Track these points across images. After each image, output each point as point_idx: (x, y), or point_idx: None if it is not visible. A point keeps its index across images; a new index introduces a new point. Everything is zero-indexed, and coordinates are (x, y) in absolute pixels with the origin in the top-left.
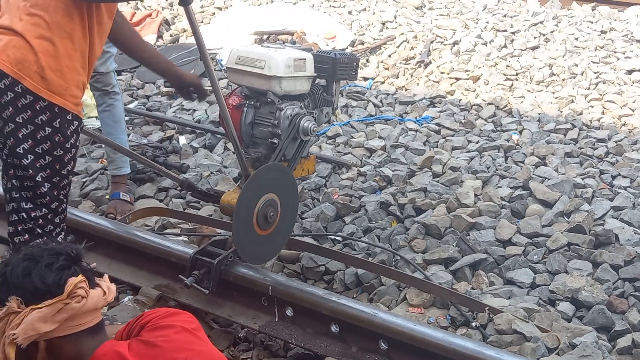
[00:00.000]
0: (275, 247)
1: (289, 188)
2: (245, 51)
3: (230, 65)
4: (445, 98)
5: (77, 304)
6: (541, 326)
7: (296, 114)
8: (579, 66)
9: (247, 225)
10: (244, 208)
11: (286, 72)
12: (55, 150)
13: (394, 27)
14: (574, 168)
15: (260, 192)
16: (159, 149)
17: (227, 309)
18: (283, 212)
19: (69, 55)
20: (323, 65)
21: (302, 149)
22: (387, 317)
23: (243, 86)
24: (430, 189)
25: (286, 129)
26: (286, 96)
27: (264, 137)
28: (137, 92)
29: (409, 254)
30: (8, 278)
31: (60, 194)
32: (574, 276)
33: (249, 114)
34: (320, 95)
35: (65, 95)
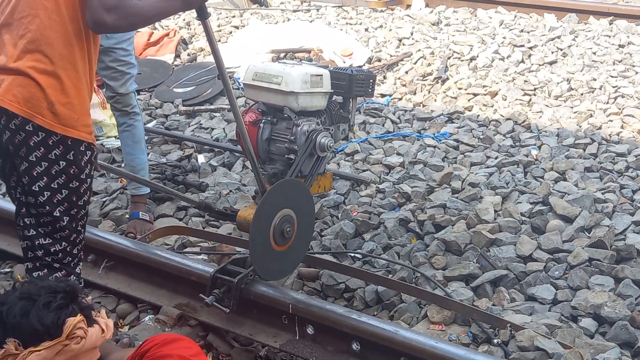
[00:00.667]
0: (292, 263)
1: (305, 204)
2: (262, 67)
3: (247, 81)
4: (463, 114)
5: (76, 345)
6: (564, 343)
7: (313, 130)
8: (597, 80)
9: (263, 241)
10: (260, 224)
11: (303, 87)
12: (70, 183)
13: (410, 43)
14: (594, 183)
15: (277, 207)
16: (178, 168)
17: (247, 328)
18: (300, 228)
19: (76, 85)
20: (340, 81)
21: (318, 165)
22: (408, 334)
23: (260, 102)
24: (450, 205)
25: (303, 144)
26: (303, 112)
27: (280, 153)
28: (156, 111)
29: (429, 270)
30: (5, 318)
31: (78, 225)
32: (595, 292)
33: (266, 130)
34: (337, 112)
35: (77, 126)
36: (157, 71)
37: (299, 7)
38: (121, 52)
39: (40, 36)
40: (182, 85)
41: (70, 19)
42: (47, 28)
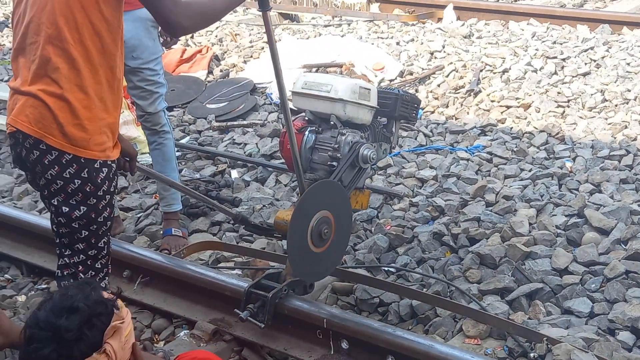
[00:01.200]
0: (329, 266)
1: (343, 207)
2: (312, 76)
3: (296, 90)
4: (496, 126)
5: None
6: (601, 356)
7: (357, 142)
8: (632, 91)
9: (301, 241)
10: (298, 224)
11: (351, 97)
12: (88, 200)
13: (442, 56)
14: (630, 195)
15: (315, 208)
16: (212, 183)
17: (282, 343)
18: (337, 231)
19: (85, 106)
20: (386, 100)
21: (359, 177)
22: (444, 348)
23: (307, 111)
24: (484, 219)
25: (346, 154)
26: (348, 122)
27: (322, 162)
28: (189, 127)
29: (464, 284)
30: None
31: (99, 241)
32: (633, 305)
33: (310, 139)
34: (381, 131)
35: (89, 146)
36: (190, 87)
37: (330, 21)
38: (148, 72)
39: (44, 61)
40: (215, 101)
41: (76, 42)
42: (50, 54)
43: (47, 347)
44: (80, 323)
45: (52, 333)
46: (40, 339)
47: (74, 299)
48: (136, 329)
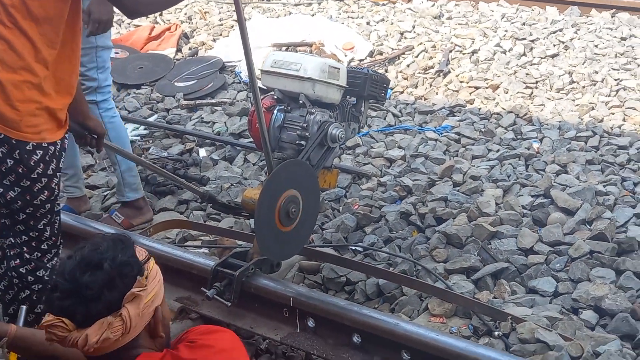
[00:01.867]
0: (296, 246)
1: (311, 186)
2: (281, 55)
3: (265, 68)
4: (464, 107)
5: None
6: (564, 335)
7: (325, 121)
8: (599, 73)
9: (269, 220)
10: (266, 203)
11: (320, 76)
12: (21, 182)
13: (412, 37)
14: (596, 176)
15: (283, 187)
16: (179, 162)
17: (248, 321)
18: (305, 210)
19: (17, 86)
20: (355, 80)
21: (327, 156)
22: (409, 327)
23: (276, 89)
24: (451, 198)
25: (314, 133)
26: (317, 102)
27: (291, 140)
28: (157, 105)
29: (430, 263)
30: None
31: (38, 224)
32: (597, 284)
33: (279, 118)
34: (350, 110)
35: (20, 127)
36: (158, 65)
37: (301, 0)
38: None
39: None
40: (184, 80)
41: (11, 24)
42: None
43: (68, 300)
44: (102, 282)
45: (73, 287)
46: (63, 290)
47: (102, 255)
48: None
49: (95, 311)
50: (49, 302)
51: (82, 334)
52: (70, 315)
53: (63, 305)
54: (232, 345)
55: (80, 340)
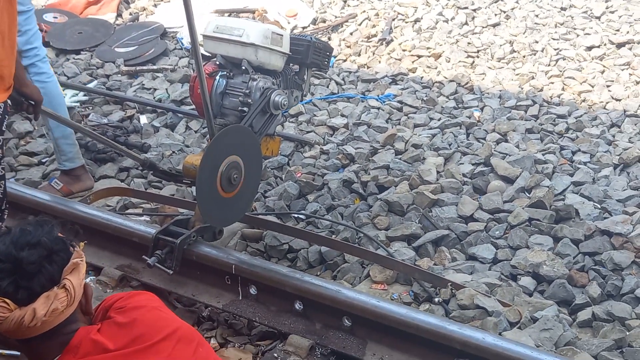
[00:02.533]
0: (238, 212)
1: (253, 151)
2: (224, 20)
3: (207, 33)
4: (407, 75)
5: None
6: (503, 301)
7: (268, 88)
8: (539, 43)
9: (210, 186)
10: (207, 168)
11: (263, 42)
12: None
13: (355, 4)
14: (535, 144)
15: (225, 153)
16: (120, 129)
17: (190, 288)
18: (247, 176)
19: None
20: (298, 47)
21: (269, 123)
22: (351, 293)
23: (218, 55)
24: (393, 167)
25: (257, 100)
26: (260, 68)
27: (233, 107)
28: (97, 71)
29: (372, 231)
30: None
31: None
32: (535, 251)
33: (221, 84)
34: (292, 78)
35: None
36: (98, 30)
37: None
38: None
39: None
40: (124, 45)
41: None
42: None
43: (6, 279)
44: (41, 257)
45: (13, 264)
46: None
47: (34, 234)
48: None
49: (39, 286)
50: None
51: (25, 310)
52: (11, 294)
53: (1, 286)
54: (159, 303)
55: (27, 316)
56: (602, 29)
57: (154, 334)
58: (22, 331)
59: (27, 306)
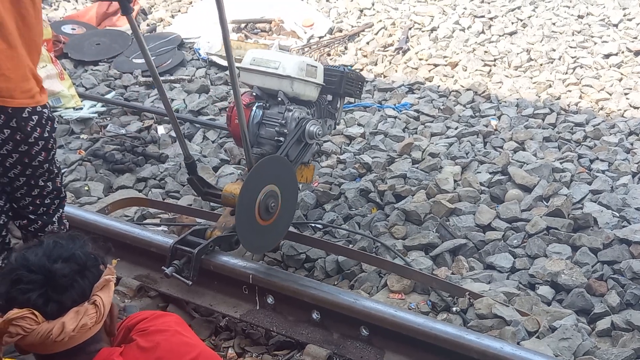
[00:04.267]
0: (275, 239)
1: (289, 181)
2: (260, 53)
3: (244, 65)
4: (423, 84)
5: (9, 338)
6: (521, 310)
7: (303, 118)
8: (557, 51)
9: (249, 215)
10: (246, 198)
11: (299, 74)
12: (19, 147)
13: (372, 14)
14: (553, 152)
15: (263, 183)
16: (138, 139)
17: (208, 298)
18: (283, 204)
19: (7, 56)
20: (332, 78)
21: (304, 152)
22: (368, 303)
23: (255, 87)
24: (410, 176)
25: (292, 130)
26: (295, 99)
27: (269, 136)
28: (115, 82)
29: (389, 240)
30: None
31: (39, 181)
32: (553, 260)
33: (258, 114)
34: (326, 107)
35: (15, 95)
36: (115, 42)
37: None
38: None
39: None
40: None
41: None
42: None
43: (36, 291)
44: (74, 270)
45: (44, 276)
46: (29, 281)
47: (67, 247)
48: None
49: (70, 300)
50: (11, 296)
51: (54, 324)
52: (40, 306)
53: (30, 298)
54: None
55: (55, 330)
56: (619, 37)
57: (174, 358)
58: (46, 345)
59: (55, 320)
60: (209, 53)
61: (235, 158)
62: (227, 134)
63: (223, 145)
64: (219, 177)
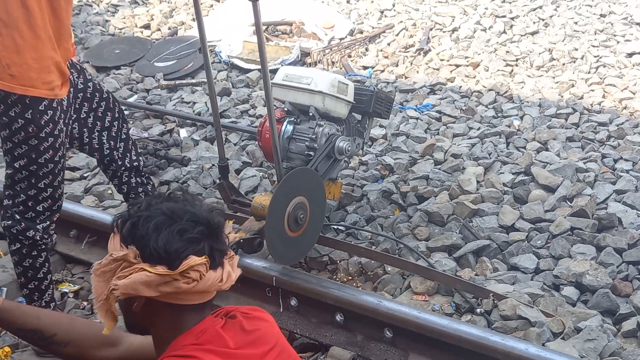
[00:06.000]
0: (304, 250)
1: (317, 192)
2: (292, 69)
3: (277, 81)
4: (445, 85)
5: (185, 284)
6: (546, 311)
7: (333, 134)
8: (579, 50)
9: (278, 226)
10: (276, 209)
11: (330, 90)
12: (30, 140)
13: (392, 15)
14: (576, 152)
15: (292, 194)
16: (160, 143)
17: (231, 301)
18: (312, 215)
19: (32, 45)
20: (362, 97)
21: (333, 168)
22: (392, 305)
23: (287, 102)
24: (432, 177)
25: (322, 145)
26: (326, 115)
27: (299, 151)
28: (137, 85)
29: (412, 241)
30: (139, 226)
31: (40, 182)
32: (577, 260)
33: (289, 129)
34: (355, 125)
35: (36, 85)
36: (135, 47)
37: None
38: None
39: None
40: (163, 60)
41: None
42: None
43: (204, 241)
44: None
45: (207, 227)
46: (197, 232)
47: (204, 204)
48: (83, 289)
49: (224, 250)
50: (178, 248)
51: (220, 272)
52: (209, 255)
53: (204, 246)
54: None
55: (225, 276)
56: None
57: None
58: (203, 294)
59: (219, 268)
60: (230, 56)
61: (258, 160)
62: (248, 136)
63: (245, 148)
64: (241, 179)
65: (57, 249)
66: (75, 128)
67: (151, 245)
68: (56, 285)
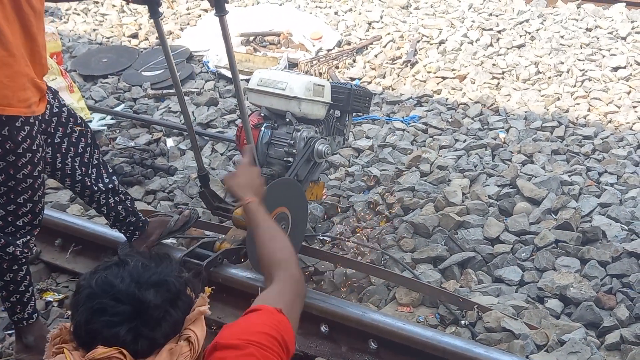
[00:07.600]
0: None
1: (299, 202)
2: (267, 73)
3: (252, 86)
4: (432, 97)
5: None
6: (530, 323)
7: (312, 137)
8: (565, 64)
9: None
10: None
11: (306, 94)
12: (7, 157)
13: (380, 27)
14: (561, 165)
15: (273, 205)
16: (146, 152)
17: (216, 311)
18: (294, 225)
19: (5, 64)
20: (339, 95)
21: (314, 171)
22: (377, 316)
23: (263, 107)
24: (418, 188)
25: (301, 149)
26: (303, 119)
27: (278, 156)
28: (124, 95)
29: (398, 253)
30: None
31: (18, 197)
32: (562, 273)
33: (266, 135)
34: (334, 124)
35: (13, 103)
36: (122, 56)
37: None
38: None
39: None
40: (151, 69)
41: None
42: None
43: (125, 325)
44: (166, 300)
45: (134, 308)
46: (115, 313)
47: (157, 271)
48: (68, 298)
49: (162, 336)
50: (93, 328)
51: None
52: (129, 343)
53: (120, 333)
54: None
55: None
56: (627, 50)
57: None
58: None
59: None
60: (217, 66)
61: None
62: (235, 146)
63: (232, 158)
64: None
65: (41, 258)
66: (49, 152)
67: (75, 324)
68: (40, 294)
